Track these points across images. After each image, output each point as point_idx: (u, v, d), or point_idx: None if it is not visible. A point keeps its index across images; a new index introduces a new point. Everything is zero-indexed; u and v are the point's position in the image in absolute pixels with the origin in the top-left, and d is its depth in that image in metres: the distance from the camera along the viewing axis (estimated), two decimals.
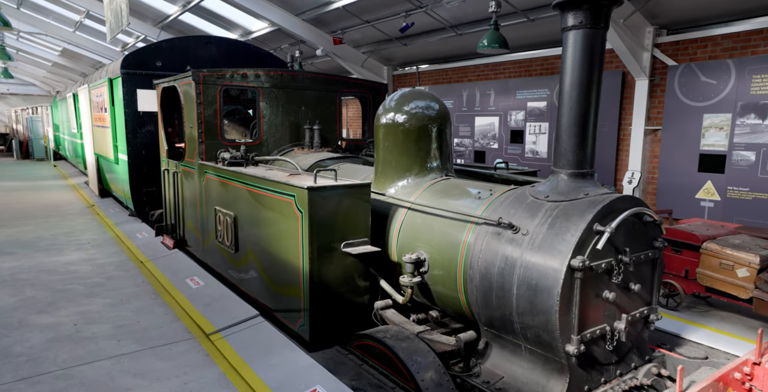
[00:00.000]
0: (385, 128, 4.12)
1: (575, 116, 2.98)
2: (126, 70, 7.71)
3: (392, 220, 3.99)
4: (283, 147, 6.01)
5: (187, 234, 6.32)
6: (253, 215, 4.39)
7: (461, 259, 3.32)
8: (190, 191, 5.95)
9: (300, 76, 6.06)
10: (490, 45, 7.46)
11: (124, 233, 7.60)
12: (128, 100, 7.78)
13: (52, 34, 18.55)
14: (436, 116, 4.10)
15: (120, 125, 8.12)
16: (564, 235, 2.75)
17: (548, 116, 8.99)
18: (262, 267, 4.34)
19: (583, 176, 3.05)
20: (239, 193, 4.61)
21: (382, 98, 6.83)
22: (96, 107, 9.66)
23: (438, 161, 4.16)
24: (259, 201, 4.23)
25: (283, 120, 5.97)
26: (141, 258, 6.23)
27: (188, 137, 5.78)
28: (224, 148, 5.57)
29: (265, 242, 4.22)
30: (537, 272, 2.77)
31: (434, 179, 4.08)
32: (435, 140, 4.11)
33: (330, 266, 3.67)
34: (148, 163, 7.97)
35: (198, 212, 5.75)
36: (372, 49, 11.96)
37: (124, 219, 8.56)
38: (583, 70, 2.93)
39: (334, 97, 6.36)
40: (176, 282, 5.23)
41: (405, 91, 4.26)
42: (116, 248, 6.77)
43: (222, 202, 5.04)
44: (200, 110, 5.40)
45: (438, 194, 3.82)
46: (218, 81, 5.47)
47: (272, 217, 4.04)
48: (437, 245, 3.54)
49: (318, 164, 5.23)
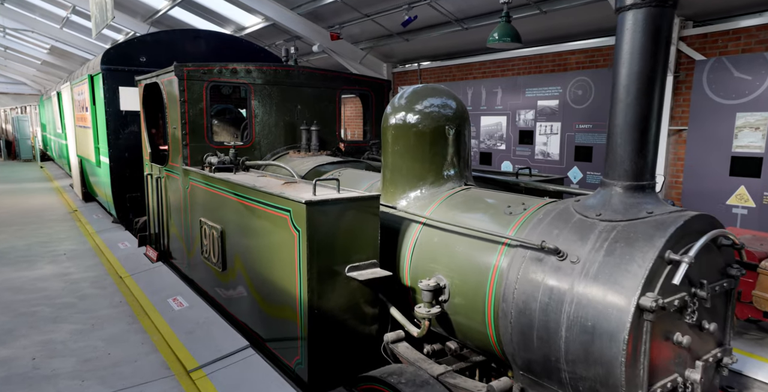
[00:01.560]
0: (395, 129, 3.56)
1: (634, 116, 2.42)
2: (107, 66, 7.12)
3: (404, 238, 3.42)
4: (277, 150, 5.43)
5: (171, 245, 5.74)
6: (243, 231, 3.81)
7: (491, 288, 2.76)
8: (175, 199, 5.37)
9: (296, 71, 5.48)
10: (501, 38, 6.90)
11: (104, 242, 7.00)
12: (110, 98, 7.19)
13: (39, 31, 17.91)
14: (453, 115, 3.54)
15: (101, 126, 7.53)
16: (628, 265, 2.19)
17: (560, 116, 8.44)
18: (253, 289, 3.76)
19: (642, 190, 2.48)
20: (227, 204, 4.03)
21: (385, 95, 6.27)
22: (78, 106, 9.05)
23: (456, 168, 3.59)
24: (250, 215, 3.66)
25: (278, 120, 5.39)
26: (121, 273, 5.64)
27: (172, 139, 5.20)
28: (212, 151, 5.00)
29: (256, 262, 3.64)
30: (594, 312, 2.21)
31: (452, 190, 3.51)
32: (452, 144, 3.54)
33: (332, 294, 3.11)
34: (131, 166, 7.38)
35: (183, 223, 5.17)
36: (371, 45, 11.38)
37: (107, 227, 7.97)
38: (645, 58, 2.36)
39: (333, 95, 5.79)
40: (157, 302, 4.65)
41: (417, 87, 3.70)
42: (94, 261, 6.18)
43: (208, 213, 4.46)
44: (184, 108, 4.82)
45: (459, 208, 3.26)
46: (204, 77, 4.90)
47: (264, 234, 3.47)
48: (460, 270, 2.97)
49: (316, 170, 4.66)
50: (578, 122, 8.18)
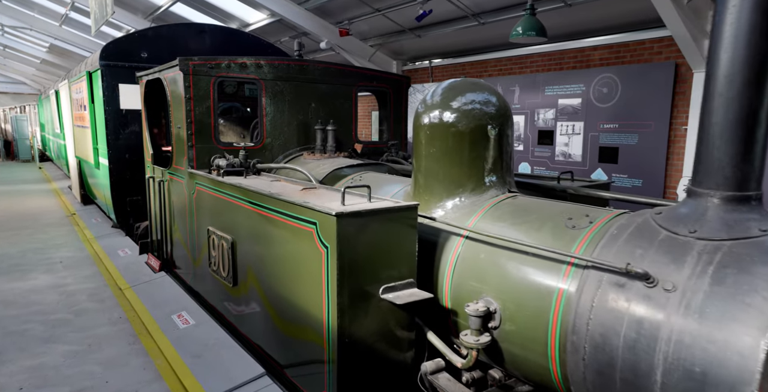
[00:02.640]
0: (431, 129, 3.14)
1: (740, 112, 2.00)
2: (106, 62, 6.70)
3: (442, 253, 3.00)
4: (290, 152, 5.02)
5: (175, 254, 5.33)
6: (258, 243, 3.40)
7: (555, 316, 2.34)
8: (179, 204, 4.96)
9: (310, 66, 5.07)
10: (525, 33, 6.48)
11: (104, 249, 6.59)
12: (109, 96, 6.77)
13: (38, 29, 17.49)
14: (496, 113, 3.13)
15: (100, 125, 7.11)
16: (748, 297, 1.77)
17: (583, 115, 8.01)
18: (270, 308, 3.35)
19: (746, 201, 2.06)
20: (239, 212, 3.62)
21: (404, 93, 5.86)
22: (76, 105, 8.64)
23: (498, 174, 3.18)
24: (267, 226, 3.24)
25: (290, 119, 4.98)
26: (121, 284, 5.23)
27: (176, 139, 4.79)
28: (219, 153, 4.59)
29: (274, 279, 3.23)
30: (703, 355, 1.80)
31: (495, 198, 3.10)
32: (494, 146, 3.13)
33: (365, 319, 2.69)
34: (132, 168, 6.97)
35: (188, 230, 4.76)
36: (381, 41, 10.96)
37: (106, 232, 7.55)
38: (754, 41, 1.94)
39: (349, 91, 5.38)
40: (160, 319, 4.24)
41: (454, 81, 3.28)
42: (93, 270, 5.76)
43: (217, 221, 4.05)
44: (190, 106, 4.41)
45: (507, 219, 2.84)
46: (212, 71, 4.48)
47: (284, 248, 3.05)
48: (514, 292, 2.56)
49: (335, 174, 4.25)
50: (603, 122, 7.76)
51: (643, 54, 7.22)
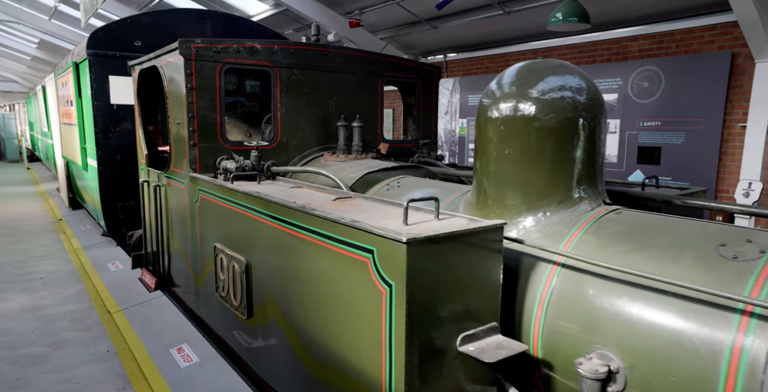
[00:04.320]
0: (505, 124, 2.44)
1: None
2: (94, 51, 5.95)
3: (528, 284, 2.29)
4: (308, 152, 4.31)
5: (173, 270, 4.60)
6: (283, 269, 2.68)
7: (730, 389, 1.64)
8: (179, 214, 4.23)
9: (331, 53, 4.36)
10: (566, 19, 5.79)
11: (91, 261, 5.85)
12: (98, 89, 6.03)
13: (27, 23, 16.66)
14: (588, 102, 2.43)
15: (88, 122, 6.37)
16: None
17: (620, 112, 7.33)
18: (301, 353, 2.63)
19: None
20: (256, 228, 2.90)
21: (434, 85, 5.15)
22: (62, 101, 7.88)
23: (591, 181, 2.48)
24: (296, 248, 2.52)
25: (308, 114, 4.27)
26: (110, 306, 4.49)
27: (175, 137, 4.06)
28: (227, 154, 3.87)
29: (306, 317, 2.51)
30: None
31: (593, 212, 2.40)
32: (587, 145, 2.43)
33: (438, 380, 1.98)
34: (124, 171, 6.23)
35: (190, 245, 4.03)
36: (392, 34, 10.25)
37: (95, 241, 6.80)
38: None
39: (375, 83, 4.67)
40: (157, 354, 3.51)
41: (532, 63, 2.58)
42: (77, 288, 5.02)
43: (226, 238, 3.32)
44: (192, 98, 3.69)
45: (620, 242, 2.14)
46: (218, 57, 3.77)
47: (322, 280, 2.33)
48: (649, 348, 1.85)
49: (366, 179, 3.54)
50: (643, 119, 7.08)
51: (692, 43, 6.54)
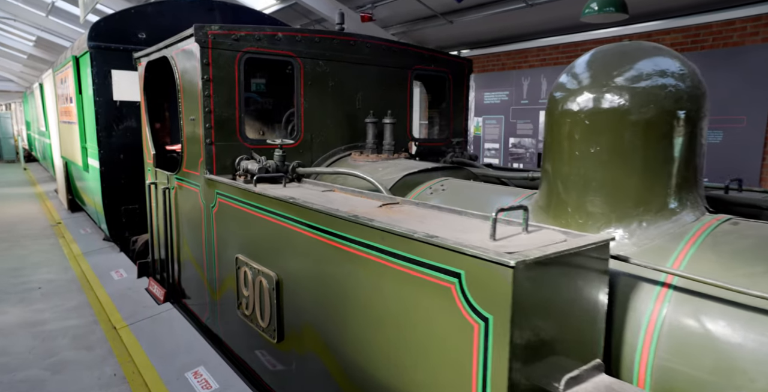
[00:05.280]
0: (591, 118, 2.05)
1: None
2: (96, 43, 5.55)
3: (628, 311, 1.90)
4: (333, 151, 3.92)
5: (184, 280, 4.20)
6: (326, 289, 2.28)
7: None
8: (192, 219, 3.84)
9: (359, 42, 3.97)
10: (602, 9, 5.41)
11: (93, 269, 5.44)
12: (100, 84, 5.63)
13: (23, 20, 16.23)
14: (690, 92, 2.05)
15: (89, 120, 5.96)
16: None
17: None
18: (346, 385, 2.24)
19: None
20: (290, 239, 2.50)
21: (465, 80, 4.77)
22: (61, 98, 7.47)
23: (692, 186, 2.10)
24: (345, 265, 2.13)
25: (334, 110, 3.88)
26: (115, 320, 4.09)
27: (188, 136, 3.66)
28: (246, 153, 3.48)
29: (361, 352, 2.11)
30: None
31: (699, 222, 2.01)
32: (687, 143, 2.05)
33: None
34: (128, 172, 5.83)
35: (205, 254, 3.64)
36: (404, 29, 9.86)
37: (97, 246, 6.40)
38: None
39: (404, 76, 4.29)
40: (170, 379, 3.12)
41: (621, 46, 2.20)
42: (79, 300, 4.62)
43: (251, 249, 2.93)
44: (209, 91, 3.30)
45: (752, 261, 1.75)
46: (238, 45, 3.38)
47: (385, 307, 1.93)
48: None
49: (405, 181, 3.14)
50: None
51: (731, 36, 6.17)
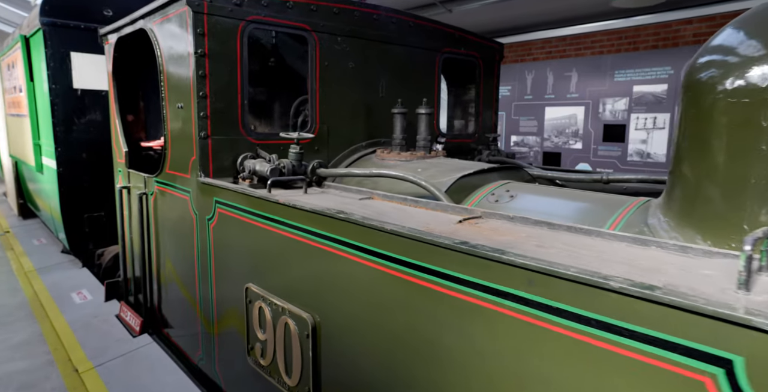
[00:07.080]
0: (752, 99, 1.41)
1: None
2: (50, 20, 4.64)
3: None
4: (353, 147, 3.21)
5: (166, 305, 3.41)
6: (397, 342, 1.57)
7: None
8: (178, 233, 3.05)
9: (382, 16, 3.26)
10: None
11: (49, 290, 4.55)
12: (56, 70, 4.72)
13: None
14: None
15: (43, 112, 5.04)
16: None
17: (670, 104, 6.50)
18: None
19: None
20: (332, 267, 1.78)
21: (495, 65, 4.13)
22: (9, 87, 6.46)
23: None
24: (442, 317, 1.42)
25: (355, 98, 3.17)
26: (76, 361, 3.26)
27: (173, 129, 2.88)
28: (251, 150, 2.73)
29: None
30: None
31: None
32: None
33: None
34: (92, 173, 4.95)
35: (197, 275, 2.86)
36: None
37: (53, 260, 5.47)
38: None
39: (432, 60, 3.61)
40: None
41: None
42: (30, 331, 3.74)
43: (269, 277, 2.19)
44: (204, 69, 2.54)
45: None
46: (240, 13, 2.62)
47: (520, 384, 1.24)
48: None
49: (460, 184, 2.47)
50: None
51: None
